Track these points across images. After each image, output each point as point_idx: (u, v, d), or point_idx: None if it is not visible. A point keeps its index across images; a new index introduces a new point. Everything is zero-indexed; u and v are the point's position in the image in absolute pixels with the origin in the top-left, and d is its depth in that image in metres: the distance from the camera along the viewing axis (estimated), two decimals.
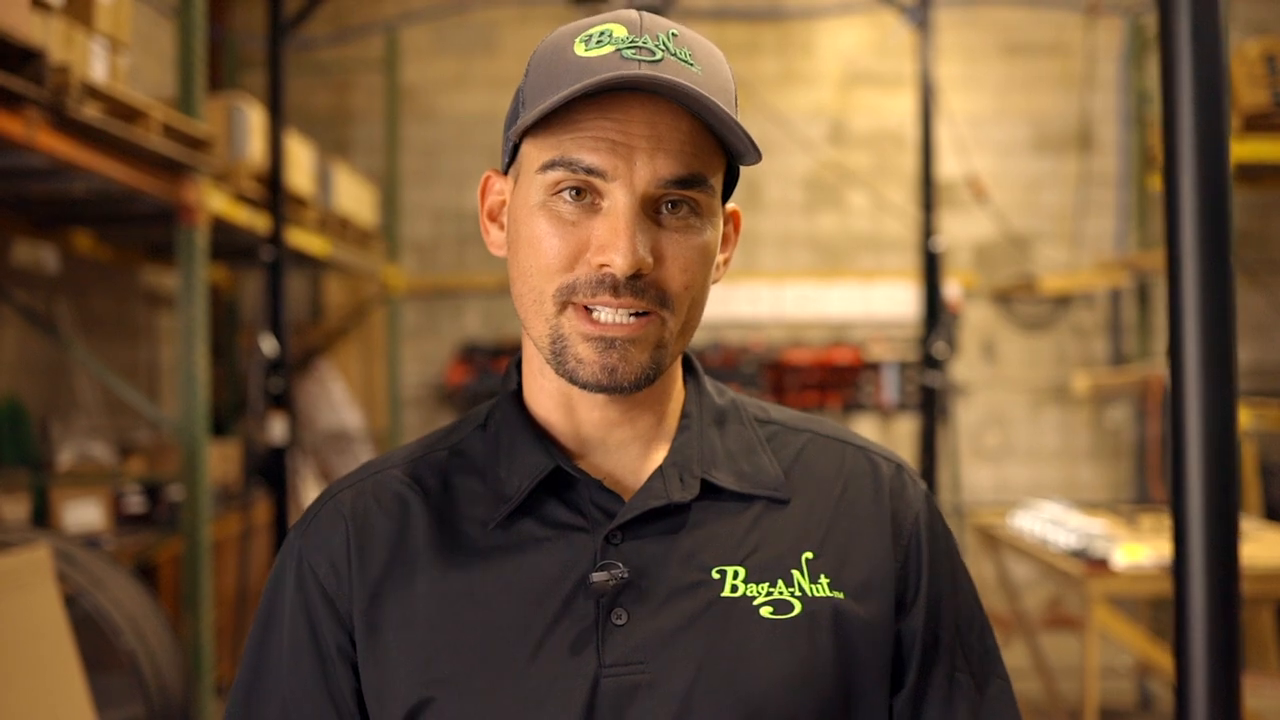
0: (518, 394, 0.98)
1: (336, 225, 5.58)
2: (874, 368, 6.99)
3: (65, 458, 4.96)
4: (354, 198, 5.94)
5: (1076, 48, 7.34)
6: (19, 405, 4.87)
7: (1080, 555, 3.96)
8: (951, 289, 7.08)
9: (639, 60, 0.84)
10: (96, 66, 3.34)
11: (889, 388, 6.98)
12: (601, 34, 0.86)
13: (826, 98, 7.29)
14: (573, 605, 0.88)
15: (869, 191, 7.18)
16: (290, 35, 4.48)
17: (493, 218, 0.97)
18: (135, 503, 4.96)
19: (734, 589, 0.89)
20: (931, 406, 4.55)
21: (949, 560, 0.99)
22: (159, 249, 5.76)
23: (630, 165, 0.84)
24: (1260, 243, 7.24)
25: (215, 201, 4.02)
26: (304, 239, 5.05)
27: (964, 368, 7.27)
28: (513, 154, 0.93)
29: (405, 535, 0.93)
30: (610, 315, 0.85)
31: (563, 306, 0.87)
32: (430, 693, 0.86)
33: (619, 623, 0.88)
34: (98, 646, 3.26)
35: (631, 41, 0.85)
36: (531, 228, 0.88)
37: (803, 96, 7.28)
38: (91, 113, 3.04)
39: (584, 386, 0.88)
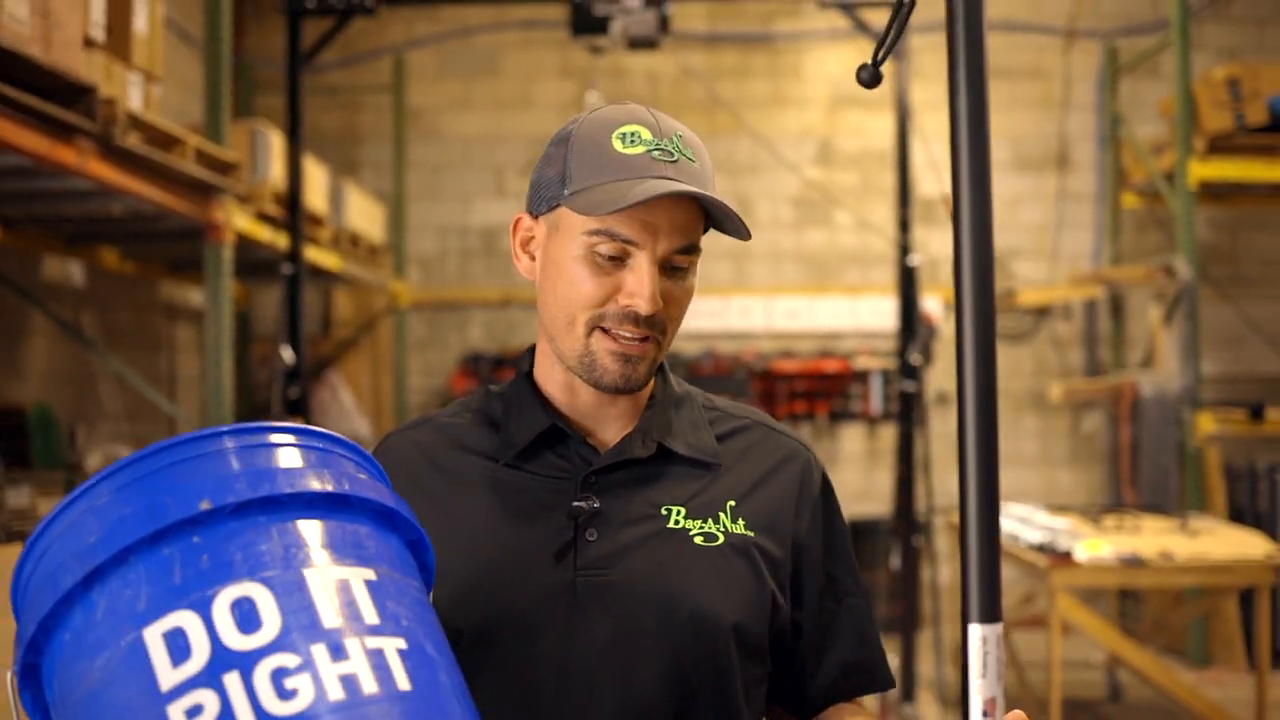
0: (530, 374, 1.30)
1: (348, 242, 5.88)
2: (861, 378, 7.29)
3: (93, 461, 5.25)
4: (364, 215, 6.24)
5: (1054, 71, 7.66)
6: (49, 412, 5.15)
7: (1045, 549, 4.25)
8: (931, 302, 7.39)
9: (664, 163, 1.16)
10: (133, 96, 3.65)
11: (876, 397, 7.28)
12: (633, 135, 1.17)
13: (815, 119, 7.61)
14: (557, 525, 1.20)
15: (855, 209, 7.49)
16: (307, 64, 4.79)
17: (524, 248, 1.28)
18: None
19: (676, 522, 1.21)
20: (909, 413, 4.85)
21: (836, 520, 1.33)
22: (179, 265, 6.07)
23: (654, 239, 1.16)
24: (1230, 259, 7.55)
25: (239, 220, 4.32)
26: (318, 255, 5.35)
27: (946, 378, 7.57)
28: (549, 206, 1.23)
29: (436, 468, 1.26)
30: (630, 340, 1.18)
31: (591, 329, 1.18)
32: (444, 588, 1.16)
33: (590, 539, 1.19)
34: None
35: (657, 144, 1.17)
36: (574, 271, 1.18)
37: (792, 118, 7.59)
38: (134, 142, 3.35)
39: (605, 389, 1.20)
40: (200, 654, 0.75)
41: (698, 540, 1.20)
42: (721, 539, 1.21)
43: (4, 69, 2.67)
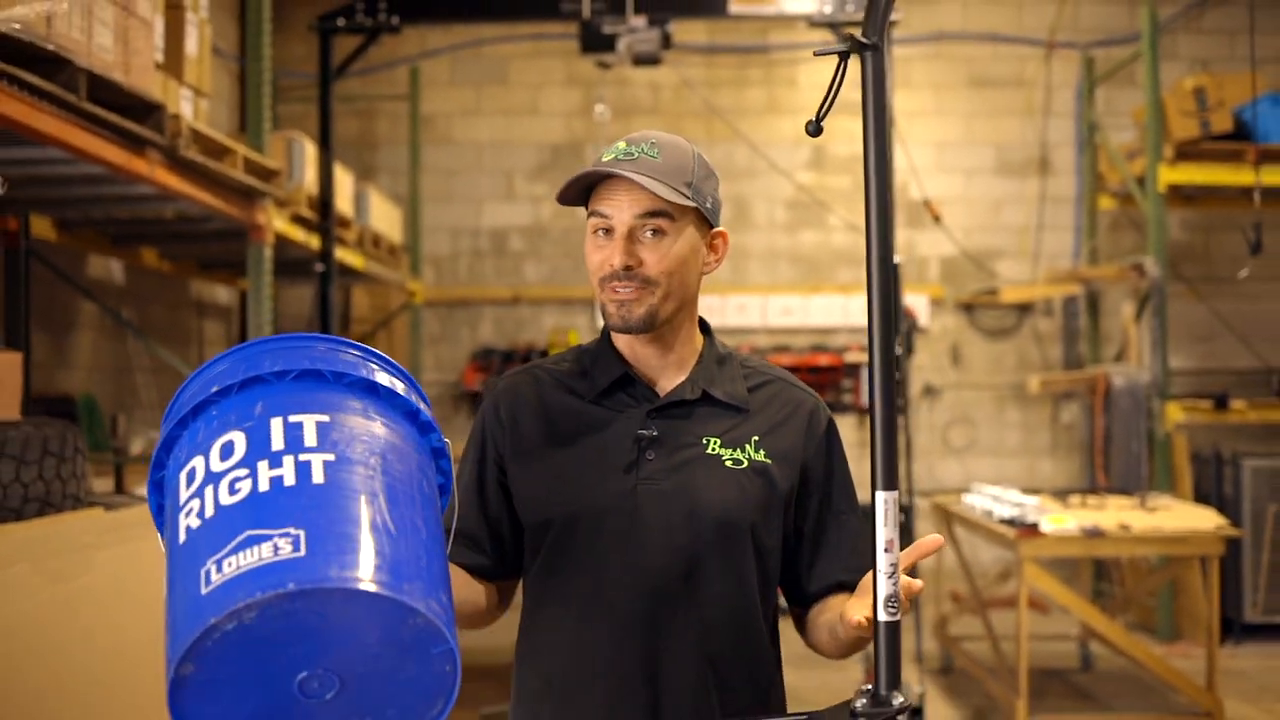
0: (607, 334, 1.68)
1: (370, 242, 6.28)
2: (852, 371, 7.70)
3: (136, 446, 5.65)
4: (384, 217, 6.65)
5: (1036, 81, 8.07)
6: (94, 400, 5.55)
7: (1014, 523, 4.64)
8: (918, 300, 7.80)
9: (624, 160, 1.54)
10: (185, 110, 4.05)
11: (866, 390, 7.67)
12: (613, 148, 1.58)
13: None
14: (625, 447, 1.59)
15: (846, 211, 7.89)
16: (336, 78, 5.19)
17: None
18: None
19: (713, 450, 1.60)
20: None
21: (836, 455, 1.72)
22: (209, 264, 6.47)
23: (620, 211, 1.55)
24: (1203, 259, 7.95)
25: (278, 222, 4.72)
26: (345, 254, 5.75)
27: (933, 372, 7.98)
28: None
29: (537, 403, 1.66)
30: (618, 289, 1.56)
31: (601, 286, 1.59)
32: (543, 488, 1.60)
33: (649, 458, 1.58)
34: None
35: (625, 151, 1.55)
36: (588, 248, 1.62)
37: (787, 125, 7.99)
38: (194, 153, 3.75)
39: (616, 329, 1.59)
40: (199, 477, 1.17)
41: (728, 463, 1.59)
42: (746, 463, 1.60)
43: (93, 91, 3.07)
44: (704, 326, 1.71)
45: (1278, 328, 8.01)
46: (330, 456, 1.15)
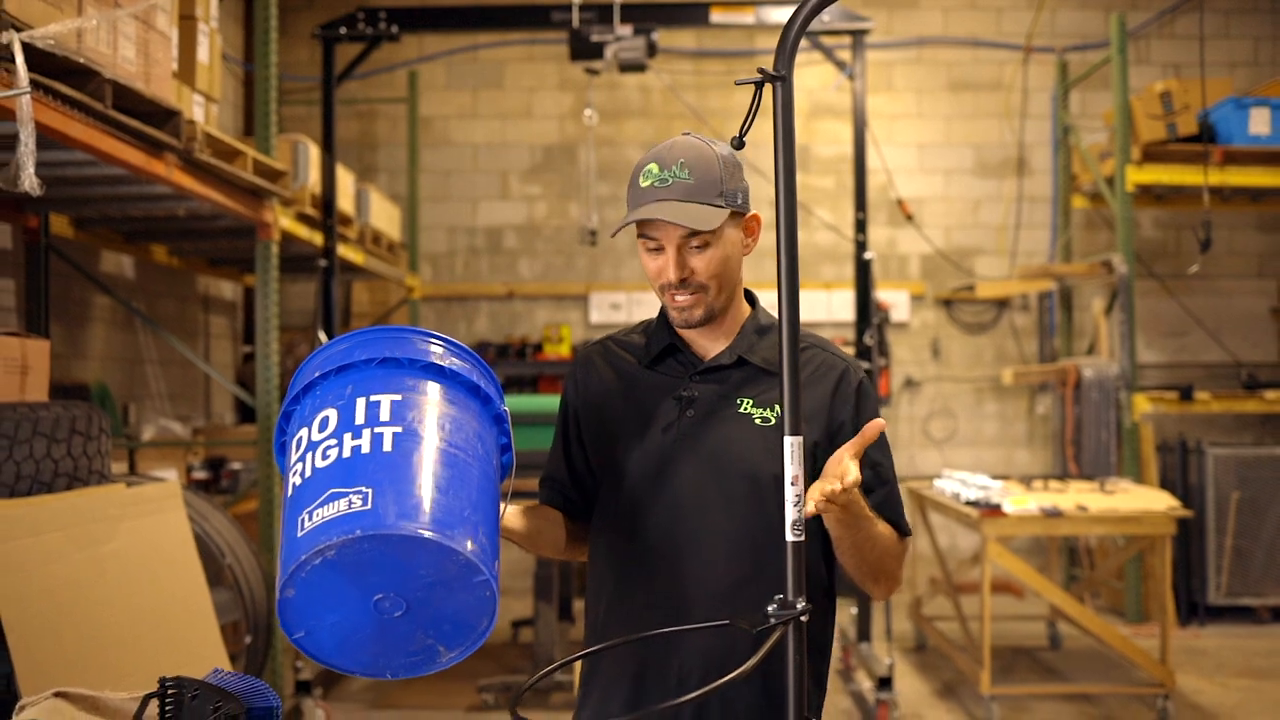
0: (664, 313, 1.90)
1: (370, 240, 6.56)
2: None
3: (148, 433, 5.92)
4: (383, 215, 6.92)
5: (1014, 84, 8.35)
6: (107, 389, 5.83)
7: (979, 505, 4.92)
8: (897, 295, 8.08)
9: (660, 188, 1.75)
10: (198, 114, 4.32)
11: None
12: (647, 172, 1.78)
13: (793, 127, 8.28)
14: (669, 406, 1.84)
15: (830, 210, 8.17)
16: (338, 84, 5.46)
17: None
18: (201, 474, 5.93)
19: (745, 409, 1.81)
20: None
21: (867, 411, 1.87)
22: (216, 260, 6.74)
23: (666, 235, 1.77)
24: (1175, 256, 8.23)
25: (284, 220, 4.99)
26: (346, 251, 6.02)
27: (914, 365, 8.26)
28: None
29: (605, 368, 1.94)
30: (676, 298, 1.80)
31: (660, 291, 1.83)
32: (602, 439, 1.88)
33: (689, 416, 1.82)
34: (205, 565, 4.20)
35: (660, 177, 1.76)
36: (643, 259, 1.85)
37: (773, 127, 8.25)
38: (206, 155, 4.02)
39: (678, 326, 1.85)
40: (303, 445, 1.52)
41: (757, 421, 1.80)
42: (774, 421, 1.79)
43: (118, 99, 3.34)
44: (751, 299, 1.94)
45: (1247, 323, 8.30)
46: (399, 429, 1.49)
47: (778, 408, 1.72)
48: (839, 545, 1.74)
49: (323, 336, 5.33)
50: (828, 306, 8.12)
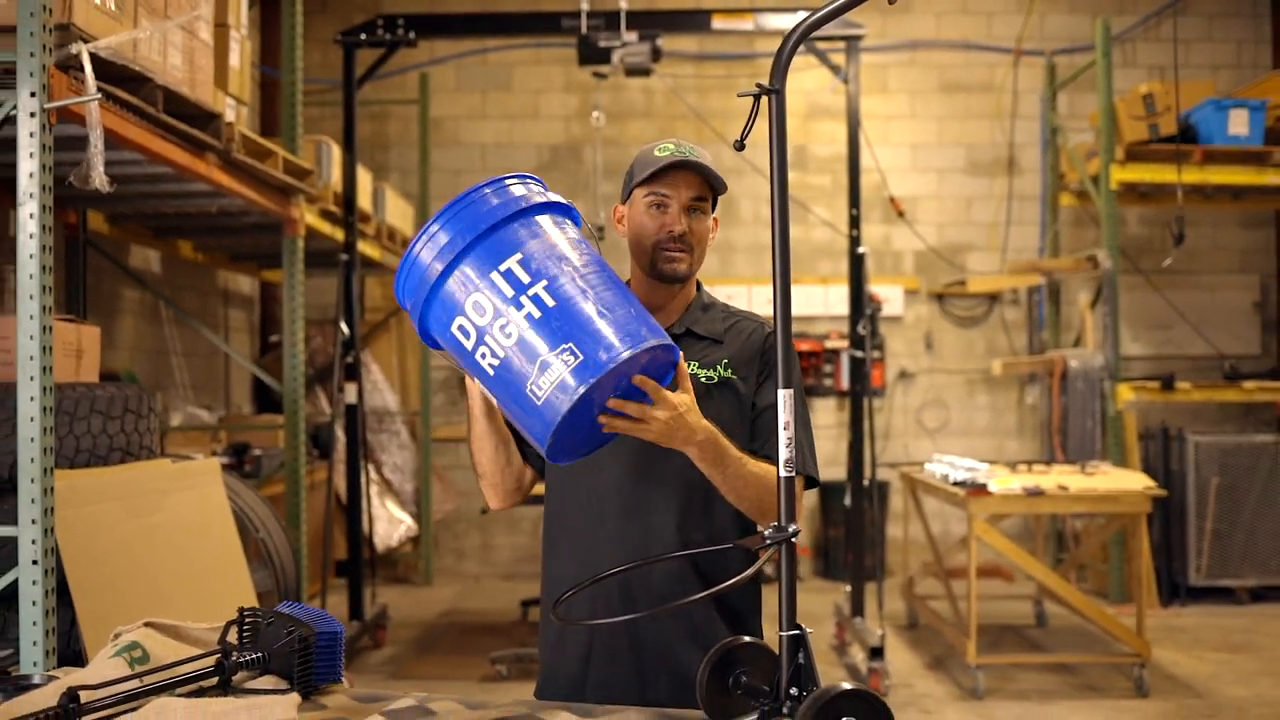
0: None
1: (386, 236, 6.85)
2: (832, 357, 8.28)
3: (175, 420, 6.21)
4: (398, 213, 7.21)
5: (1004, 86, 8.63)
6: (136, 378, 6.11)
7: (965, 485, 5.21)
8: (892, 290, 8.37)
9: (680, 154, 2.03)
10: (230, 117, 4.60)
11: (845, 374, 8.24)
12: (664, 147, 2.06)
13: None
14: None
15: (826, 208, 8.46)
16: (357, 88, 5.74)
17: (619, 222, 2.20)
18: (225, 459, 6.21)
19: (692, 370, 2.02)
20: (859, 377, 5.81)
21: (773, 364, 2.09)
22: (237, 256, 7.03)
23: (677, 192, 2.03)
24: (1159, 253, 8.51)
25: (309, 217, 5.28)
26: (364, 247, 6.31)
27: (907, 358, 8.55)
28: (627, 194, 2.16)
29: None
30: (673, 250, 2.04)
31: (654, 247, 2.05)
32: None
33: None
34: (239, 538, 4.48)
35: (678, 148, 2.05)
36: (642, 217, 2.07)
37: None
38: (242, 155, 4.31)
39: (666, 280, 2.06)
40: (473, 335, 1.71)
41: (702, 379, 2.07)
42: (717, 379, 2.08)
43: (167, 103, 3.63)
44: (697, 284, 2.24)
45: (1230, 317, 8.59)
46: (545, 282, 1.70)
47: (719, 368, 2.09)
48: (716, 484, 1.98)
49: (344, 328, 5.62)
50: (824, 300, 8.41)
